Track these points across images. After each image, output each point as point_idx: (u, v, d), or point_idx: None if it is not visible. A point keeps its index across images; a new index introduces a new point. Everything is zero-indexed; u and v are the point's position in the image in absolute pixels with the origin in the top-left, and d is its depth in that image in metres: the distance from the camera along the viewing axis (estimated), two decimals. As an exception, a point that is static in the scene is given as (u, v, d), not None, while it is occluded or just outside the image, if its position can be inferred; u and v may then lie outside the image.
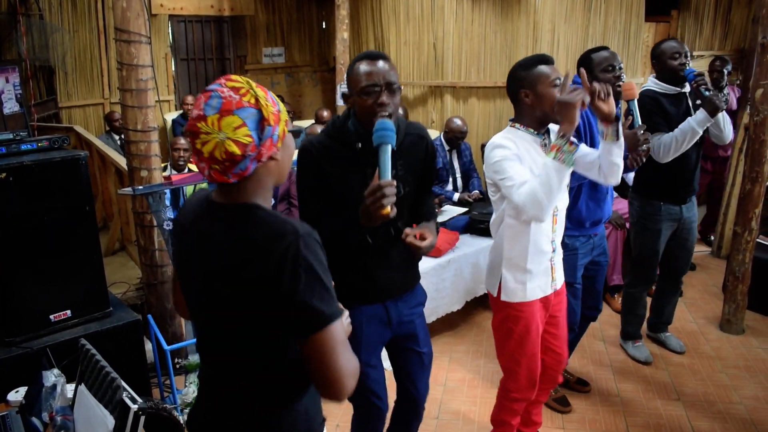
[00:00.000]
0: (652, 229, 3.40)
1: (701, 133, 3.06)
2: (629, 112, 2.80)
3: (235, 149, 1.22)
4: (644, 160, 2.76)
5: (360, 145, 1.95)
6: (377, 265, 2.08)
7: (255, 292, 1.26)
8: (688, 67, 3.14)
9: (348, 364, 1.28)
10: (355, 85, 1.91)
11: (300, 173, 2.02)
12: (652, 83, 3.28)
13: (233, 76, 1.29)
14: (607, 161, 2.31)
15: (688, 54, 3.16)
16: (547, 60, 2.22)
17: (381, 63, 1.90)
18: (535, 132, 2.27)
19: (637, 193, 3.50)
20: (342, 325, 1.30)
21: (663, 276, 3.68)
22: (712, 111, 2.99)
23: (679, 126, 3.09)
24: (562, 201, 2.40)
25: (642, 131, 2.69)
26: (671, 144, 3.10)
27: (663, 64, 3.19)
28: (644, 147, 2.70)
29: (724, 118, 3.23)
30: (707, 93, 3.03)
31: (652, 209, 3.37)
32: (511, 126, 2.32)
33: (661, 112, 3.18)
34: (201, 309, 1.42)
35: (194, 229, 1.38)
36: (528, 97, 2.21)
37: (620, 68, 2.80)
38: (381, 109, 1.87)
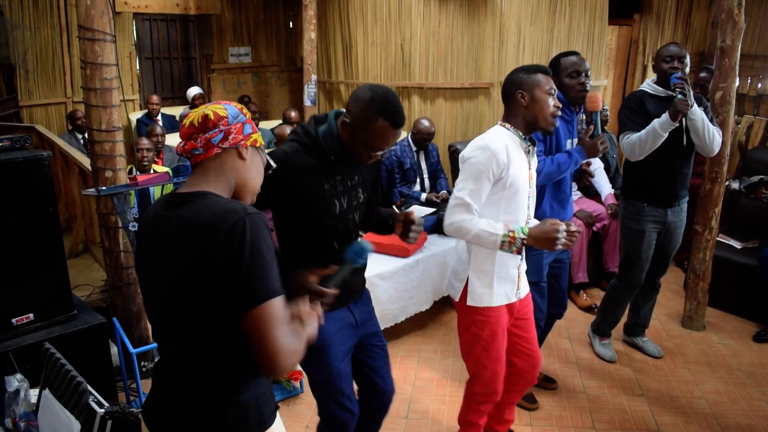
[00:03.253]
0: (635, 230, 3.42)
1: (664, 135, 3.10)
2: (591, 121, 2.88)
3: (210, 115, 1.45)
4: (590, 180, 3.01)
5: (333, 157, 1.99)
6: None
7: (199, 269, 1.33)
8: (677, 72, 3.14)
9: (286, 342, 1.34)
10: (374, 138, 1.92)
11: (275, 184, 1.88)
12: (646, 84, 3.34)
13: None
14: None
15: (684, 60, 3.17)
16: (546, 71, 2.35)
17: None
18: (522, 136, 2.35)
19: (623, 193, 3.55)
20: (282, 304, 1.35)
21: None
22: (673, 114, 3.04)
23: (646, 127, 3.15)
24: (532, 207, 2.46)
25: (600, 141, 2.81)
26: (636, 143, 3.18)
27: (657, 66, 3.26)
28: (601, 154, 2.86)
29: (705, 127, 3.15)
30: (679, 96, 3.05)
31: (635, 209, 3.41)
32: (501, 125, 2.38)
33: (641, 112, 3.24)
34: (153, 295, 1.47)
35: (152, 219, 1.48)
36: (524, 98, 2.31)
37: (586, 75, 2.86)
38: (373, 160, 2.02)
